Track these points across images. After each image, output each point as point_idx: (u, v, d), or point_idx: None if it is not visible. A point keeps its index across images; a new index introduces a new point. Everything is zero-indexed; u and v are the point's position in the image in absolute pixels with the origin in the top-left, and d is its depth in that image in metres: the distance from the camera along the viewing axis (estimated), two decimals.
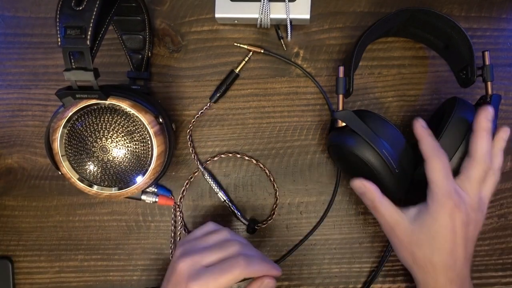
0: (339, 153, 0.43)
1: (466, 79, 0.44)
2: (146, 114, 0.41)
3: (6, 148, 0.52)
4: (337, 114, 0.41)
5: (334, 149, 0.44)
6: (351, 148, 0.40)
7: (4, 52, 0.52)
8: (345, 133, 0.41)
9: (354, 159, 0.41)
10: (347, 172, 0.47)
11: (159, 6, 0.51)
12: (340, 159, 0.45)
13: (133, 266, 0.51)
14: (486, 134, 0.38)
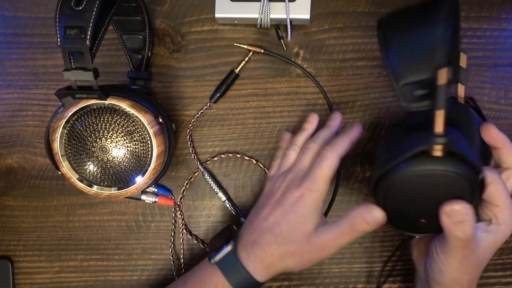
0: (413, 189, 0.33)
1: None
2: (146, 114, 0.41)
3: (6, 148, 0.52)
4: (446, 139, 0.30)
5: (413, 185, 0.33)
6: (458, 180, 0.31)
7: (4, 52, 0.52)
8: (449, 163, 0.31)
9: (438, 191, 0.33)
10: (399, 212, 0.35)
11: (159, 6, 0.51)
12: (407, 196, 0.34)
13: (133, 266, 0.51)
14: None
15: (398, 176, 0.32)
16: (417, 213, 0.34)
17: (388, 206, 0.34)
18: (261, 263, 0.39)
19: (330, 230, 0.37)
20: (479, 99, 0.50)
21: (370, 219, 0.35)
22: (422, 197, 0.33)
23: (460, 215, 0.32)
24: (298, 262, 0.39)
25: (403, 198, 0.34)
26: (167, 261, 0.51)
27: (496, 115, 0.50)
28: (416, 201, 0.33)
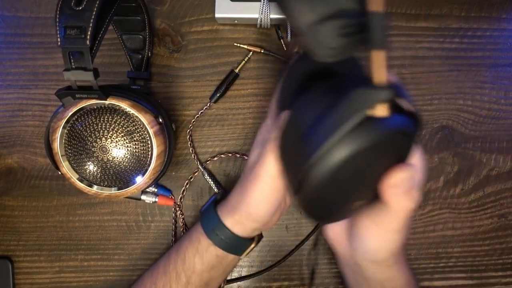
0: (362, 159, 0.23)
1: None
2: (146, 114, 0.41)
3: (6, 148, 0.52)
4: (392, 91, 0.22)
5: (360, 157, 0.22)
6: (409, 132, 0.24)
7: (4, 52, 0.52)
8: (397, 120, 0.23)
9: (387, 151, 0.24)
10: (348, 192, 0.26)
11: (159, 6, 0.51)
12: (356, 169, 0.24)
13: (133, 266, 0.51)
14: None
15: (333, 164, 0.22)
16: (352, 197, 0.26)
17: (316, 203, 0.25)
18: (226, 207, 0.38)
19: (261, 153, 0.33)
20: (479, 99, 0.50)
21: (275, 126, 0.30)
22: (359, 176, 0.24)
23: (408, 182, 0.26)
24: (248, 198, 0.34)
25: (335, 187, 0.24)
26: None
27: (496, 115, 0.50)
28: (351, 184, 0.24)
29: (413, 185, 0.26)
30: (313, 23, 0.20)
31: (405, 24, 0.50)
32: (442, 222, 0.50)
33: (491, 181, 0.50)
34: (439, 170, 0.50)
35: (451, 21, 0.50)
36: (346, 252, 0.35)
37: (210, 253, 0.38)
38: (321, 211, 0.26)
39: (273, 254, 0.50)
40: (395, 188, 0.26)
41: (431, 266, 0.50)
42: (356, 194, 0.26)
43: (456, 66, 0.50)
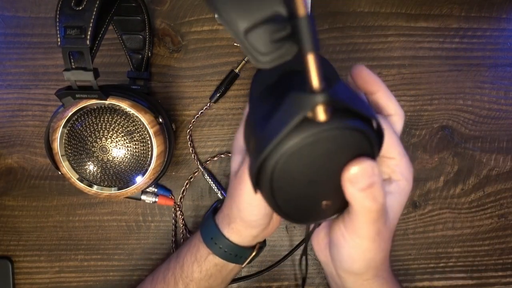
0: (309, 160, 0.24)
1: None
2: (146, 114, 0.41)
3: (6, 148, 0.52)
4: (327, 94, 0.21)
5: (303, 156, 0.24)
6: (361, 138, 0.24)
7: (4, 52, 0.52)
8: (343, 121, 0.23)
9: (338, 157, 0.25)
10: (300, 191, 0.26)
11: (159, 6, 0.51)
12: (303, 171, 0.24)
13: (133, 266, 0.51)
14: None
15: (281, 159, 0.23)
16: (317, 195, 0.26)
17: (281, 200, 0.26)
18: (222, 215, 0.37)
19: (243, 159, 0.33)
20: (479, 99, 0.50)
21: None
22: (318, 174, 0.25)
23: (367, 177, 0.24)
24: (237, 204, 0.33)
25: (296, 184, 0.25)
26: None
27: (496, 115, 0.50)
28: (312, 181, 0.25)
29: (373, 182, 0.24)
30: (245, 31, 0.21)
31: (405, 24, 0.50)
32: (442, 222, 0.50)
33: (491, 181, 0.50)
34: (439, 170, 0.50)
35: (451, 21, 0.50)
36: (328, 262, 0.34)
37: (208, 262, 0.38)
38: (289, 209, 0.27)
39: (273, 254, 0.50)
40: (352, 184, 0.24)
41: (431, 266, 0.50)
42: (322, 193, 0.26)
43: (456, 66, 0.50)
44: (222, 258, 0.37)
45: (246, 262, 0.39)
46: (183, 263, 0.39)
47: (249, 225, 0.35)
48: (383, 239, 0.28)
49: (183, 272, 0.39)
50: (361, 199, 0.25)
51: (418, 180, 0.50)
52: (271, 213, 0.34)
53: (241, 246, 0.37)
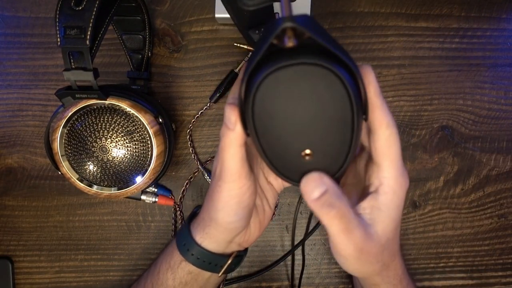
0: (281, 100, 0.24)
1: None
2: (145, 114, 0.41)
3: (6, 148, 0.52)
4: (295, 22, 0.22)
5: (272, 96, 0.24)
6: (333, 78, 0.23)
7: (4, 52, 0.52)
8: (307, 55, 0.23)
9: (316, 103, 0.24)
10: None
11: (159, 6, 0.51)
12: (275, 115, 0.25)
13: (133, 266, 0.51)
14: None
15: (257, 90, 0.24)
16: (296, 142, 0.26)
17: (265, 143, 0.26)
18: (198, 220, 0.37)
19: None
20: (479, 99, 0.50)
21: (227, 122, 0.27)
22: (295, 116, 0.25)
23: (318, 187, 0.25)
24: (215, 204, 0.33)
25: (276, 125, 0.25)
26: None
27: (496, 115, 0.50)
28: (290, 124, 0.25)
29: (327, 201, 0.25)
30: None
31: (405, 24, 0.50)
32: (442, 222, 0.50)
33: (491, 181, 0.50)
34: (439, 170, 0.50)
35: (451, 21, 0.50)
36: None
37: (182, 269, 0.37)
38: (274, 158, 0.27)
39: (273, 254, 0.50)
40: (306, 196, 0.25)
41: (431, 266, 0.50)
42: (300, 141, 0.26)
43: (456, 66, 0.50)
44: (195, 266, 0.36)
45: (222, 271, 0.37)
46: (159, 270, 0.39)
47: (225, 228, 0.34)
48: (369, 255, 0.27)
49: (158, 279, 0.39)
50: (320, 215, 0.25)
51: (418, 180, 0.50)
52: (248, 215, 0.33)
53: (215, 253, 0.36)
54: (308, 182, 0.25)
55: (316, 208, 0.25)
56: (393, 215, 0.28)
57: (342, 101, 0.24)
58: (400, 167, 0.28)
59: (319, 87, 0.23)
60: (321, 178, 0.25)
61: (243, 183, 0.30)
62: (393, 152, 0.27)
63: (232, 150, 0.29)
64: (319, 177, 0.25)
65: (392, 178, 0.27)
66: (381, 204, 0.27)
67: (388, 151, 0.27)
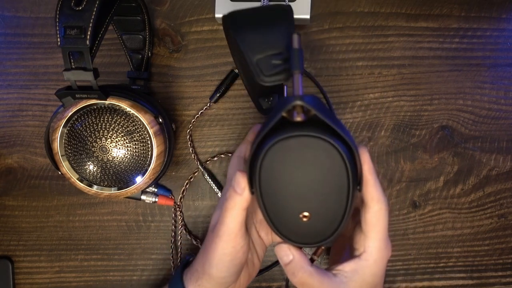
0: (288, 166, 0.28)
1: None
2: (145, 114, 0.41)
3: (6, 148, 0.52)
4: (304, 100, 0.27)
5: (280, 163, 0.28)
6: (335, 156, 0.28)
7: (4, 52, 0.52)
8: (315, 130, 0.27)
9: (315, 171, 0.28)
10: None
11: (159, 6, 0.51)
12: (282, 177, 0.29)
13: (133, 266, 0.51)
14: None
15: (265, 155, 0.28)
16: (296, 205, 0.29)
17: (269, 203, 0.29)
18: (191, 270, 0.38)
19: (219, 215, 0.34)
20: (479, 99, 0.50)
21: (236, 187, 0.31)
22: (297, 181, 0.28)
23: (285, 256, 0.31)
24: (210, 259, 0.35)
25: (280, 188, 0.29)
26: (167, 261, 0.51)
27: (496, 115, 0.50)
28: (292, 189, 0.29)
29: (289, 261, 0.31)
30: (258, 59, 0.30)
31: (405, 24, 0.50)
32: (442, 222, 0.50)
33: (491, 181, 0.50)
34: (439, 170, 0.50)
35: (451, 21, 0.50)
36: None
37: None
38: (275, 217, 0.30)
39: (273, 254, 0.50)
40: (279, 260, 0.31)
41: (431, 266, 0.50)
42: (300, 203, 0.29)
43: (456, 66, 0.50)
44: None
45: None
46: None
47: (216, 282, 0.35)
48: None
49: None
50: (287, 273, 0.31)
51: (418, 180, 0.50)
52: (240, 271, 0.35)
53: None
54: (280, 250, 0.31)
55: (287, 272, 0.31)
56: (368, 279, 0.32)
57: (340, 172, 0.28)
58: (385, 239, 0.32)
59: (321, 157, 0.27)
60: (289, 249, 0.31)
61: (238, 242, 0.33)
62: (380, 225, 0.31)
63: (235, 212, 0.32)
64: (287, 248, 0.31)
65: (375, 248, 0.31)
66: (359, 268, 0.32)
67: (376, 223, 0.31)
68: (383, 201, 0.31)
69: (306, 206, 0.29)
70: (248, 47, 0.31)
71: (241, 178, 0.31)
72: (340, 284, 0.31)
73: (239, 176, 0.31)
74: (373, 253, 0.32)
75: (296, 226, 0.30)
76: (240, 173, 0.31)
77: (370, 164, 0.30)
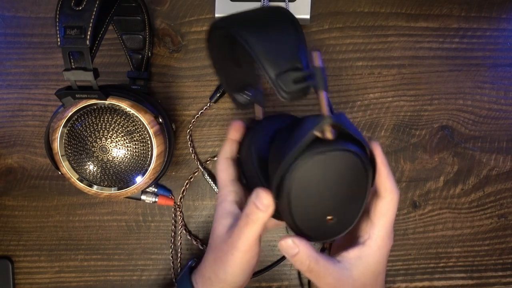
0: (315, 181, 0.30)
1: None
2: (145, 114, 0.41)
3: (6, 148, 0.52)
4: (333, 117, 0.29)
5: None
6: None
7: (4, 52, 0.52)
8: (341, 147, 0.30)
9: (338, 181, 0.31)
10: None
11: (159, 6, 0.51)
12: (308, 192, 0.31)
13: (133, 266, 0.51)
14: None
15: (297, 170, 0.29)
16: (323, 209, 0.31)
17: (296, 211, 0.31)
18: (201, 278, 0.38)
19: (235, 227, 0.34)
20: (479, 99, 0.50)
21: (259, 204, 0.32)
22: (325, 189, 0.31)
23: (291, 250, 0.31)
24: (226, 268, 0.35)
25: (308, 196, 0.31)
26: (167, 261, 0.51)
27: (496, 115, 0.50)
28: (320, 196, 0.31)
29: (299, 252, 0.31)
30: (277, 75, 0.30)
31: (405, 24, 0.50)
32: (442, 222, 0.50)
33: (491, 181, 0.50)
34: (439, 170, 0.50)
35: (451, 21, 0.50)
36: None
37: None
38: (301, 222, 0.31)
39: (273, 254, 0.50)
40: (283, 252, 0.32)
41: (431, 266, 0.50)
42: (326, 208, 0.31)
43: (456, 66, 0.50)
44: None
45: None
46: None
47: (230, 286, 0.36)
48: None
49: None
50: (293, 263, 0.32)
51: (418, 180, 0.50)
52: (252, 272, 0.36)
53: None
54: (285, 244, 0.31)
55: (294, 263, 0.32)
56: (372, 266, 0.33)
57: (362, 177, 0.31)
58: (390, 229, 0.34)
59: (347, 167, 0.30)
60: (294, 242, 0.31)
61: (255, 250, 0.34)
62: (390, 215, 0.33)
63: (256, 227, 0.32)
64: (291, 241, 0.31)
65: (379, 236, 0.33)
66: (363, 254, 0.33)
67: (386, 212, 0.33)
68: (396, 191, 0.33)
69: (331, 209, 0.31)
70: (265, 61, 0.30)
71: (265, 195, 0.31)
72: (344, 270, 0.32)
73: (262, 194, 0.31)
74: (377, 240, 0.33)
75: (319, 227, 0.32)
76: (262, 190, 0.31)
77: (383, 157, 0.32)
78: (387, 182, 0.32)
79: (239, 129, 0.38)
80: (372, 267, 0.33)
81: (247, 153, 0.36)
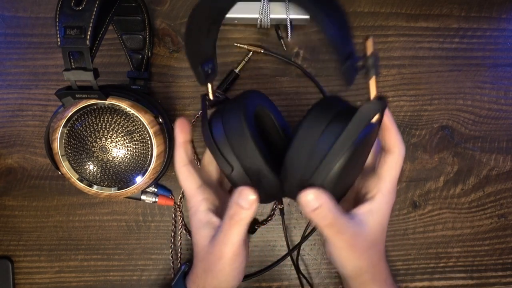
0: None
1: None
2: (145, 114, 0.41)
3: (6, 148, 0.52)
4: (385, 101, 0.32)
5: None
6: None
7: (4, 52, 0.52)
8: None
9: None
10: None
11: (159, 6, 0.51)
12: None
13: (133, 266, 0.51)
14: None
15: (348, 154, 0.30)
16: (353, 175, 0.34)
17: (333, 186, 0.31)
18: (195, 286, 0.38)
19: (218, 234, 0.33)
20: (479, 99, 0.50)
21: (243, 202, 0.31)
22: (358, 161, 0.33)
23: (312, 203, 0.29)
24: (217, 277, 0.35)
25: (347, 167, 0.31)
26: (167, 261, 0.51)
27: (496, 115, 0.50)
28: (355, 165, 0.33)
29: (321, 205, 0.29)
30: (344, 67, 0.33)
31: (405, 24, 0.50)
32: (442, 222, 0.50)
33: (491, 181, 0.50)
34: (439, 170, 0.50)
35: (451, 21, 0.50)
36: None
37: None
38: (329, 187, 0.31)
39: (273, 254, 0.50)
40: (304, 206, 0.30)
41: (431, 266, 0.50)
42: (354, 173, 0.34)
43: (456, 66, 0.50)
44: None
45: None
46: None
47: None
48: (359, 250, 0.33)
49: None
50: (313, 219, 0.30)
51: (418, 180, 0.50)
52: (243, 274, 0.36)
53: None
54: (306, 198, 0.30)
55: (313, 218, 0.30)
56: (381, 219, 0.34)
57: (373, 139, 0.33)
58: (395, 184, 0.34)
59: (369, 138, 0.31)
60: (317, 195, 0.30)
61: (243, 252, 0.34)
62: (396, 169, 0.34)
63: (240, 227, 0.32)
64: (316, 193, 0.29)
65: (387, 190, 0.34)
66: (374, 208, 0.33)
67: (393, 166, 0.34)
68: (403, 146, 0.34)
69: (349, 171, 0.32)
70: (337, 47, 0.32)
71: (249, 191, 0.30)
72: (360, 224, 0.33)
73: (246, 191, 0.30)
74: (386, 194, 0.34)
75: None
76: (245, 188, 0.31)
77: (390, 115, 0.33)
78: (395, 138, 0.33)
79: (186, 128, 0.35)
80: (382, 221, 0.34)
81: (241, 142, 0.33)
